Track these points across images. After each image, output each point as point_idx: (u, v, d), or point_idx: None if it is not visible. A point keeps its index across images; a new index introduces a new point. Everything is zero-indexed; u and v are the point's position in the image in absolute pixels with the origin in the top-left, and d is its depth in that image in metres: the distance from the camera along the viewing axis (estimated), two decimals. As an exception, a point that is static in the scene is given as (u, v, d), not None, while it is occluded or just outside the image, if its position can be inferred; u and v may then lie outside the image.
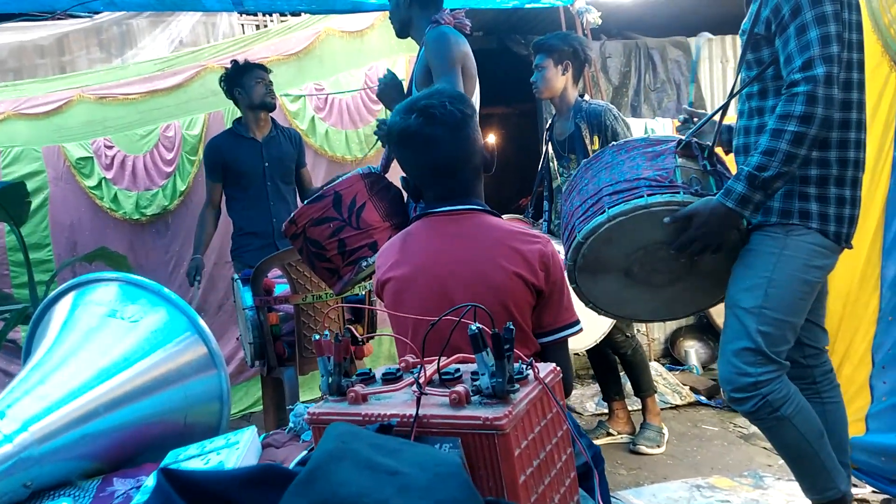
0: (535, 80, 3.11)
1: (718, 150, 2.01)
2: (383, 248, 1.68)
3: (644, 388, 3.25)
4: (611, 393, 3.37)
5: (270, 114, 3.56)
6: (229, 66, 3.53)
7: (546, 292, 1.55)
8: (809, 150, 1.70)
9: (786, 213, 1.79)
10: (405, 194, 2.33)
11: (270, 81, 3.48)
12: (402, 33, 2.60)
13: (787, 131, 1.67)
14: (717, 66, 4.86)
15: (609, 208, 1.84)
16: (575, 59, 3.06)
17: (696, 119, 2.10)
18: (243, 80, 3.42)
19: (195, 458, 1.37)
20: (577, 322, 1.62)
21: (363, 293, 2.99)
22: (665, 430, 3.21)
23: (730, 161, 2.03)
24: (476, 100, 2.41)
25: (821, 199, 1.77)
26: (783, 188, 1.78)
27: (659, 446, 3.09)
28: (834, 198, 1.77)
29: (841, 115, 1.75)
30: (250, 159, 3.46)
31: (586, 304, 2.09)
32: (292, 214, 2.28)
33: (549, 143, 3.25)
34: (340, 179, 2.30)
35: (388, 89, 2.49)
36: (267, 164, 3.48)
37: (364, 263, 2.18)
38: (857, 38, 1.76)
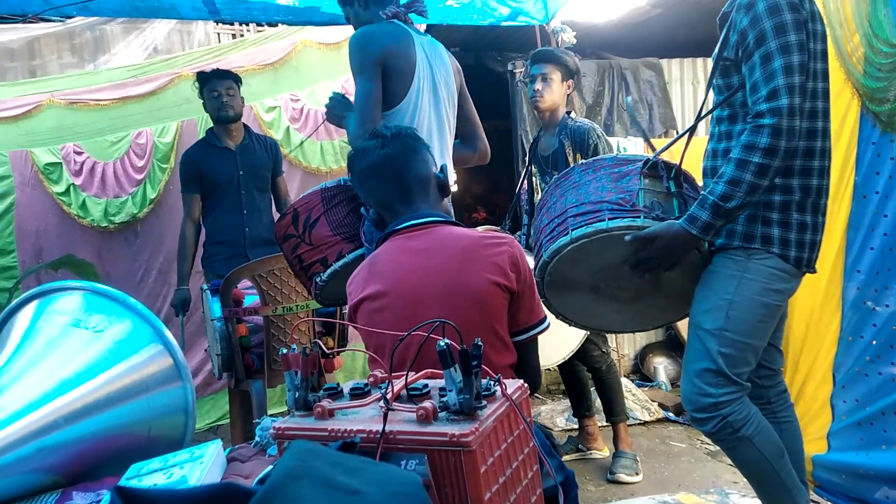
0: (540, 88, 3.09)
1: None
2: (353, 276, 1.69)
3: (616, 413, 3.23)
4: (581, 409, 3.38)
5: (243, 122, 3.54)
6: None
7: (518, 292, 1.59)
8: (771, 181, 1.73)
9: (748, 237, 1.82)
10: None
11: (230, 89, 3.40)
12: None
13: (751, 162, 1.70)
14: (689, 87, 4.96)
15: (572, 230, 1.88)
16: (577, 79, 3.16)
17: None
18: (203, 94, 3.41)
19: (158, 472, 1.35)
20: (546, 318, 1.69)
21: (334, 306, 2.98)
22: (638, 458, 3.20)
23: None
24: (411, 101, 2.25)
25: (783, 224, 1.80)
26: (747, 212, 1.82)
27: (637, 474, 3.07)
28: (796, 223, 1.80)
29: (806, 144, 1.79)
30: (225, 168, 3.41)
31: (556, 317, 2.13)
32: (273, 231, 2.31)
33: (533, 159, 3.28)
34: (302, 196, 2.30)
35: (334, 105, 2.38)
36: (241, 173, 3.44)
37: (318, 279, 2.18)
38: (822, 67, 1.80)
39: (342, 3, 2.44)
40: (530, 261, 2.15)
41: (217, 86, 3.37)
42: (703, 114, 1.96)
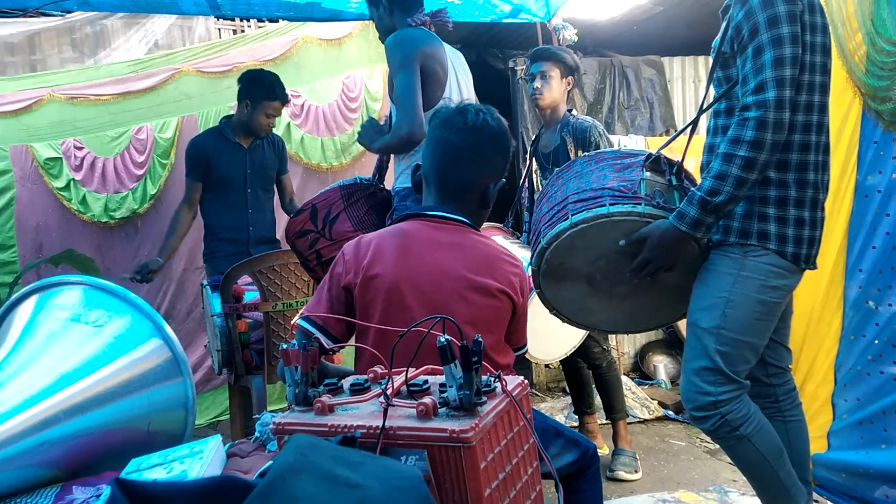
0: (540, 86, 3.11)
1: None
2: (370, 240, 1.62)
3: (616, 410, 3.23)
4: (582, 406, 3.38)
5: None
6: (261, 65, 3.48)
7: (518, 314, 1.66)
8: (760, 174, 1.72)
9: (745, 233, 1.81)
10: (394, 199, 2.35)
11: (279, 115, 3.44)
12: None
13: (737, 156, 1.68)
14: (689, 85, 4.95)
15: (572, 215, 1.87)
16: (577, 74, 3.17)
17: None
18: (259, 101, 3.30)
19: (158, 467, 1.35)
20: (525, 344, 1.79)
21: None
22: (637, 455, 3.20)
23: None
24: (446, 103, 2.31)
25: (780, 220, 1.78)
26: (743, 208, 1.81)
27: (636, 471, 3.07)
28: (793, 219, 1.79)
29: (801, 137, 1.77)
30: (233, 164, 3.40)
31: (550, 311, 2.11)
32: (286, 227, 2.31)
33: (534, 155, 3.28)
34: (320, 192, 2.31)
35: (367, 130, 2.41)
36: (249, 171, 3.43)
37: None
38: (821, 60, 1.77)
39: (370, 2, 2.47)
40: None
41: (276, 111, 3.36)
42: (704, 107, 1.95)
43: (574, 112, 3.22)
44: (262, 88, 3.30)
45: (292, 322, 2.85)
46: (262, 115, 3.32)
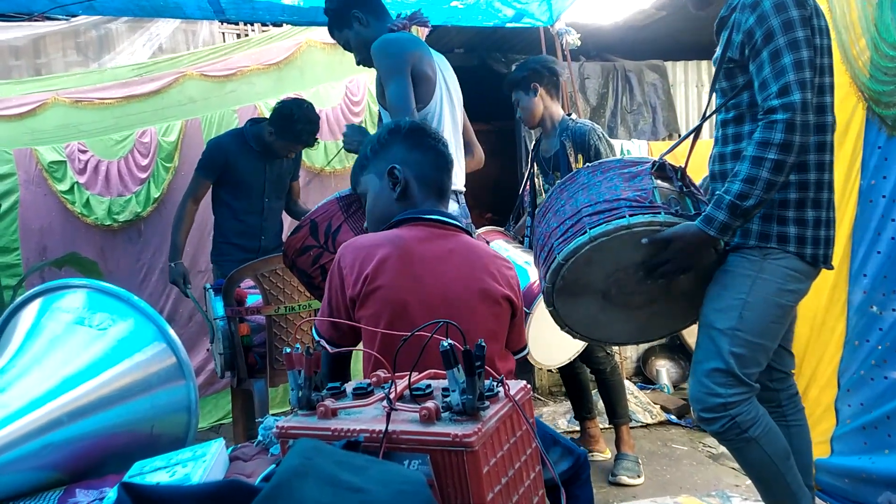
0: (519, 116, 3.21)
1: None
2: (367, 249, 1.57)
3: (619, 415, 3.23)
4: (583, 412, 3.37)
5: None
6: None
7: (517, 314, 1.66)
8: (787, 177, 1.72)
9: (764, 236, 1.81)
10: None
11: (296, 152, 3.51)
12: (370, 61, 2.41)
13: (767, 159, 1.68)
14: (692, 89, 4.96)
15: (590, 229, 1.82)
16: (539, 77, 3.09)
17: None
18: (281, 139, 3.31)
19: (161, 471, 1.35)
20: (527, 345, 1.80)
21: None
22: (640, 460, 3.20)
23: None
24: (437, 102, 2.33)
25: (799, 222, 1.79)
26: (762, 211, 1.80)
27: (639, 476, 3.07)
28: (811, 220, 1.79)
29: (817, 138, 1.78)
30: (252, 172, 3.41)
31: (562, 328, 2.08)
32: (283, 247, 2.29)
33: (535, 160, 3.29)
34: (317, 206, 2.29)
35: (351, 134, 2.40)
36: (268, 181, 3.45)
37: None
38: (828, 62, 1.80)
39: (336, 29, 2.48)
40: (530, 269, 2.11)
41: (293, 150, 3.42)
42: (707, 114, 1.95)
43: (574, 116, 3.22)
44: (288, 130, 3.28)
45: (297, 325, 2.86)
46: (282, 148, 3.37)
